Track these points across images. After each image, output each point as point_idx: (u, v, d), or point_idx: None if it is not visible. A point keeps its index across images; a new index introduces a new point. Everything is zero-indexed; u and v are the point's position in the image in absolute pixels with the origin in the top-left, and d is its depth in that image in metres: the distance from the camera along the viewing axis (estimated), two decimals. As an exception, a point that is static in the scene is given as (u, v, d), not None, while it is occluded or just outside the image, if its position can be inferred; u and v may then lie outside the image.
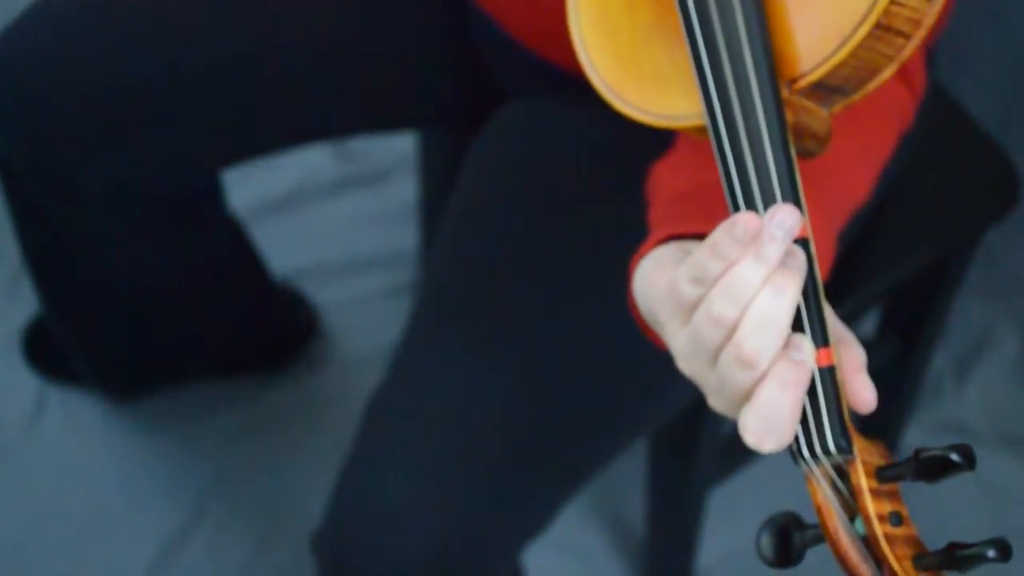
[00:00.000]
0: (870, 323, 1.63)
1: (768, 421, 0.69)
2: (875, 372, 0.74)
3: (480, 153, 1.24)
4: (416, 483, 1.11)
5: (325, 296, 1.84)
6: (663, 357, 0.81)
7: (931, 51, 1.12)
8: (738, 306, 0.69)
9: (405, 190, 1.91)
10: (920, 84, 1.03)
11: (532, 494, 1.14)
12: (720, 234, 0.69)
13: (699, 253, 0.71)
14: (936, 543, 0.71)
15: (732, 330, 0.70)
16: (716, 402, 0.73)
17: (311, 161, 1.91)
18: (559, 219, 1.16)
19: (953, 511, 1.63)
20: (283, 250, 1.81)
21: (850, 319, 1.38)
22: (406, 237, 1.88)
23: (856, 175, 0.95)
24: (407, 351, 1.17)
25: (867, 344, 1.43)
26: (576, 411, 1.12)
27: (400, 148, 1.92)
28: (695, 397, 1.04)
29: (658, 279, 0.79)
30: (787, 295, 0.69)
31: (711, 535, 1.65)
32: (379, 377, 1.19)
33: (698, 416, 1.35)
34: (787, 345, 0.70)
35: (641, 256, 0.83)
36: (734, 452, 1.49)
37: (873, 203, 1.08)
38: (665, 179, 0.90)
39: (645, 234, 0.87)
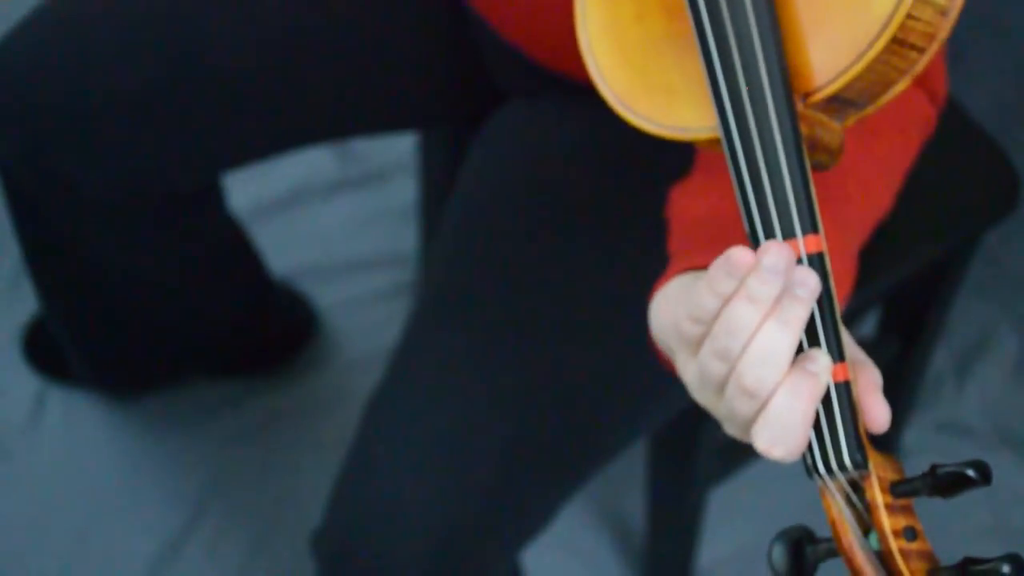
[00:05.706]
0: (870, 323, 1.63)
1: (778, 429, 0.70)
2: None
3: (480, 153, 1.24)
4: (415, 483, 1.11)
5: (325, 296, 1.84)
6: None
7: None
8: (740, 340, 0.70)
9: (405, 190, 1.91)
10: (941, 92, 1.02)
11: (531, 494, 1.14)
12: (715, 269, 0.70)
13: (697, 291, 0.71)
14: (935, 543, 0.71)
15: (735, 362, 0.70)
16: (730, 429, 0.74)
17: (311, 161, 1.91)
18: (559, 219, 1.16)
19: (953, 511, 1.63)
20: (283, 250, 1.81)
21: (850, 319, 1.38)
22: (406, 237, 1.88)
23: (879, 189, 0.94)
24: (406, 351, 1.17)
25: (867, 344, 1.43)
26: (575, 411, 1.12)
27: (400, 148, 1.92)
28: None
29: (668, 314, 0.80)
30: (792, 328, 0.69)
31: (711, 535, 1.65)
32: (379, 377, 1.19)
33: (698, 416, 1.35)
34: (802, 358, 0.70)
35: (658, 288, 0.83)
36: (734, 452, 1.49)
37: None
38: (683, 204, 0.90)
39: (645, 234, 0.86)
